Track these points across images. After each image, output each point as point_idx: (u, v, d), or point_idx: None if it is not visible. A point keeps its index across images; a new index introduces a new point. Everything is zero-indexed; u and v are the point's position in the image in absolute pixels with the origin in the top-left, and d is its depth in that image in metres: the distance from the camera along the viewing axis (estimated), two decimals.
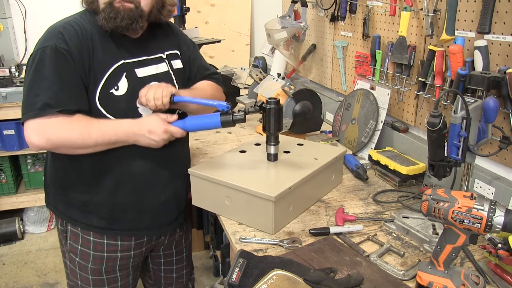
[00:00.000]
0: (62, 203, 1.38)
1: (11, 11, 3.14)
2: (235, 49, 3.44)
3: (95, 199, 1.34)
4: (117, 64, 1.27)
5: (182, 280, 1.71)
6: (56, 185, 1.39)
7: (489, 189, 1.34)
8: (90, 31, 1.25)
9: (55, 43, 1.19)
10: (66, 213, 1.38)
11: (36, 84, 1.18)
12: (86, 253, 1.38)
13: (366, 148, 1.85)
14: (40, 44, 1.22)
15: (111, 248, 1.39)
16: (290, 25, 2.12)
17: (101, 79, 1.24)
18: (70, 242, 1.40)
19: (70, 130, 1.19)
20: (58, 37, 1.20)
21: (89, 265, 1.39)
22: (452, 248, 0.94)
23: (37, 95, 1.17)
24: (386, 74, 1.81)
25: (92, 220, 1.35)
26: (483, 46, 1.27)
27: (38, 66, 1.19)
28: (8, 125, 2.83)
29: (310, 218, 1.35)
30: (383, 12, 1.81)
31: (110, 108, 1.26)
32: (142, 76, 1.33)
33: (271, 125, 1.36)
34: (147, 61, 1.36)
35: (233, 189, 1.28)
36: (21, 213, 3.17)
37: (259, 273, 0.98)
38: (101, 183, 1.33)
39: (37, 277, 2.68)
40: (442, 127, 1.13)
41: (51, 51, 1.18)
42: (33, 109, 1.16)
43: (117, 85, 1.27)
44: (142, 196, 1.38)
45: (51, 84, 1.18)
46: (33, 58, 1.21)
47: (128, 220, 1.38)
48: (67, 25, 1.23)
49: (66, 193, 1.36)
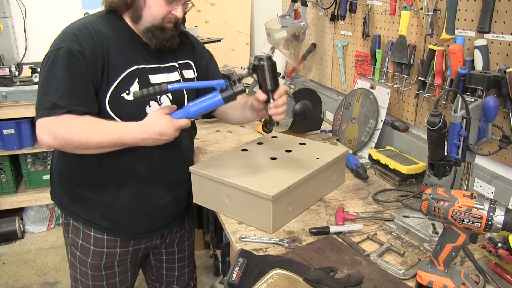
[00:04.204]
0: (67, 198, 1.40)
1: (11, 10, 3.14)
2: (235, 48, 3.44)
3: (98, 198, 1.35)
4: (131, 68, 1.28)
5: (183, 278, 1.71)
6: (61, 180, 1.41)
7: (489, 188, 1.34)
8: (106, 34, 1.25)
9: (69, 45, 1.20)
10: (69, 207, 1.40)
11: (47, 83, 1.20)
12: (86, 247, 1.40)
13: (366, 148, 1.85)
14: (55, 45, 1.23)
15: (111, 244, 1.40)
16: (290, 25, 2.13)
17: (113, 82, 1.25)
18: (71, 236, 1.42)
19: (75, 130, 1.19)
20: (72, 39, 1.21)
21: (89, 260, 1.40)
22: (452, 247, 0.95)
23: (47, 94, 1.19)
24: (386, 73, 1.81)
25: (94, 217, 1.37)
26: (483, 45, 1.27)
27: (51, 66, 1.20)
28: (8, 124, 2.82)
29: (310, 218, 1.35)
30: (383, 11, 1.81)
31: (119, 112, 1.27)
32: (154, 83, 1.32)
33: (267, 82, 1.25)
34: (160, 69, 1.36)
35: (232, 188, 1.28)
36: (21, 212, 3.17)
37: (259, 272, 0.98)
38: (105, 184, 1.34)
39: (37, 276, 2.68)
40: (442, 126, 1.13)
41: (65, 52, 1.19)
42: (43, 108, 1.18)
43: (128, 90, 1.27)
44: (144, 200, 1.38)
45: (61, 84, 1.19)
46: (47, 58, 1.22)
47: (129, 223, 1.40)
48: (82, 27, 1.23)
49: (70, 188, 1.38)
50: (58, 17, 3.02)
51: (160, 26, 1.28)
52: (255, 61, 1.27)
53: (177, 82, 1.38)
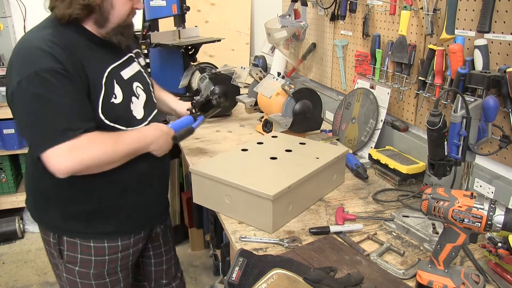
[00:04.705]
0: (59, 218, 1.33)
1: (11, 10, 3.14)
2: (235, 48, 3.44)
3: (103, 205, 1.33)
4: (106, 71, 1.25)
5: (171, 270, 1.73)
6: (52, 202, 1.33)
7: (489, 188, 1.34)
8: (72, 46, 1.18)
9: (50, 65, 1.10)
10: (64, 227, 1.34)
11: (45, 112, 1.11)
12: (86, 260, 1.36)
13: (366, 147, 1.85)
14: (27, 68, 1.10)
15: (112, 250, 1.38)
16: (290, 24, 2.12)
17: (100, 91, 1.22)
18: (67, 253, 1.36)
19: (99, 149, 1.17)
20: (48, 58, 1.11)
21: (91, 271, 1.38)
22: (452, 247, 0.94)
23: (52, 122, 1.11)
24: (386, 73, 1.81)
25: (96, 227, 1.34)
26: (483, 45, 1.27)
27: (39, 93, 1.10)
28: (8, 124, 2.83)
29: (310, 217, 1.35)
30: (383, 11, 1.81)
31: (110, 116, 1.25)
32: (126, 78, 1.33)
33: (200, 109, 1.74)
34: (124, 63, 1.35)
35: (232, 188, 1.28)
36: (21, 212, 3.17)
37: (259, 272, 0.98)
38: (109, 189, 1.32)
39: (37, 276, 2.68)
40: (442, 126, 1.13)
41: (50, 73, 1.10)
42: (52, 136, 1.11)
43: (114, 93, 1.26)
44: (144, 193, 1.41)
45: (64, 107, 1.12)
46: (27, 86, 1.10)
47: (134, 219, 1.41)
48: (50, 43, 1.13)
49: (65, 208, 1.32)
50: None
51: (127, 23, 1.29)
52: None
53: (186, 121, 1.58)
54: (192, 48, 2.53)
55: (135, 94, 1.35)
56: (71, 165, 1.12)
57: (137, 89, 1.37)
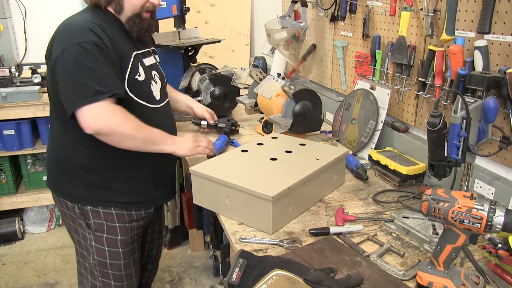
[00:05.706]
0: (81, 188, 1.46)
1: (11, 11, 3.14)
2: (235, 49, 3.44)
3: (120, 175, 1.47)
4: (133, 54, 1.43)
5: (158, 258, 1.93)
6: (75, 172, 1.46)
7: (489, 189, 1.34)
8: (106, 28, 1.36)
9: (91, 39, 1.29)
10: (86, 197, 1.46)
11: (81, 75, 1.28)
12: (112, 226, 1.49)
13: (366, 148, 1.85)
14: (71, 41, 1.29)
15: (130, 218, 1.51)
16: (290, 25, 2.12)
17: (127, 69, 1.39)
18: (94, 221, 1.48)
19: (129, 121, 1.33)
20: (90, 33, 1.30)
21: (119, 237, 1.50)
22: (452, 248, 0.94)
23: (86, 84, 1.27)
24: (386, 74, 1.81)
25: (115, 196, 1.47)
26: (483, 46, 1.27)
27: (78, 60, 1.28)
28: (8, 125, 2.82)
29: (310, 218, 1.35)
30: (383, 12, 1.81)
31: (135, 91, 1.42)
32: (147, 65, 1.51)
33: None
34: (146, 53, 1.54)
35: (232, 188, 1.28)
36: (21, 213, 3.17)
37: (259, 273, 0.98)
38: (127, 161, 1.45)
39: (37, 277, 2.68)
40: (442, 127, 1.13)
41: (90, 45, 1.29)
42: (85, 96, 1.26)
43: (138, 72, 1.43)
44: (160, 168, 1.56)
45: (97, 73, 1.28)
46: (69, 53, 1.28)
47: (148, 191, 1.54)
48: (90, 23, 1.33)
49: (87, 177, 1.45)
50: (58, 18, 3.01)
51: (139, 14, 1.44)
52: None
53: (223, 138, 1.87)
54: (192, 49, 2.54)
55: (153, 79, 1.53)
56: (100, 123, 1.28)
57: (155, 76, 1.54)
